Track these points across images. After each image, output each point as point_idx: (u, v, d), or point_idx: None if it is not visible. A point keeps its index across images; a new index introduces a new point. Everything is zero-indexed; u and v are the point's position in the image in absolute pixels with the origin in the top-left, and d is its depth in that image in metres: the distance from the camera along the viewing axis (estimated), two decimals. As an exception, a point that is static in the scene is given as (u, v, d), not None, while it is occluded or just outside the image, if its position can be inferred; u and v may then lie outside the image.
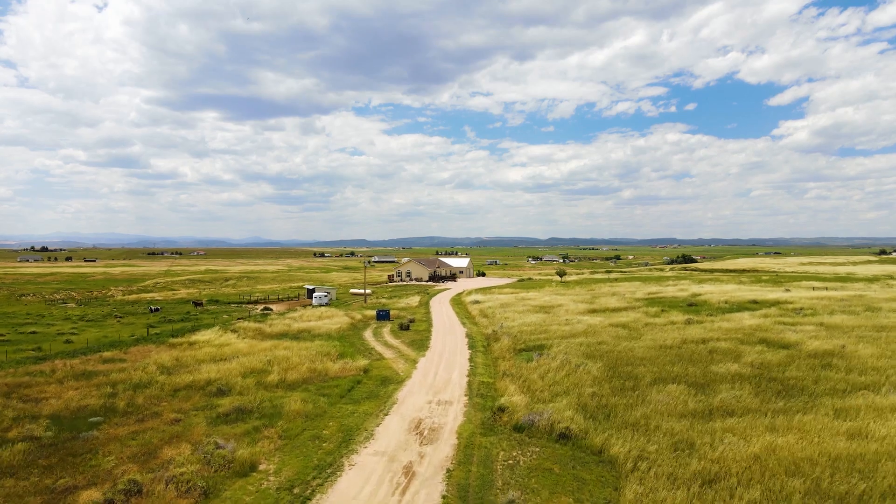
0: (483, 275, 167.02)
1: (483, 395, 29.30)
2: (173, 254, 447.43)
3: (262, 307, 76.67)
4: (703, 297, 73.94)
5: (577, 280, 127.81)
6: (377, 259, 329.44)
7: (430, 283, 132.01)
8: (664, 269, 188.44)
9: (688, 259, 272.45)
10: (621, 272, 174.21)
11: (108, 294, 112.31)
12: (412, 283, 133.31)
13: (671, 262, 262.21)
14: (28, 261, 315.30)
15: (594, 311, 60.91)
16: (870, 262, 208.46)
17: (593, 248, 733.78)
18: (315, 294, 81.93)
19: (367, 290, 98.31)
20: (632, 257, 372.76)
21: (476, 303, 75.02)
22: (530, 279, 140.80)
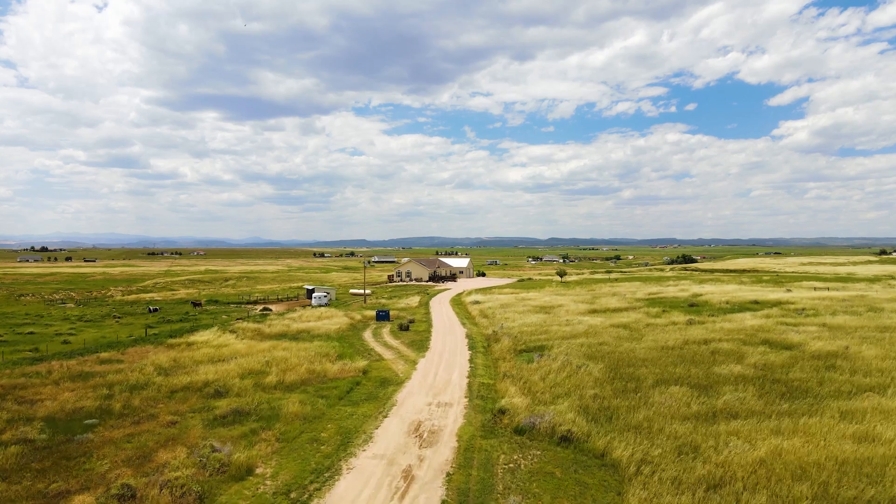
0: (483, 275, 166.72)
1: (483, 396, 28.97)
2: (173, 254, 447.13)
3: (261, 307, 76.36)
4: (704, 297, 73.61)
5: (578, 280, 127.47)
6: (377, 259, 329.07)
7: (429, 283, 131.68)
8: (664, 270, 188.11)
9: (688, 259, 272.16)
10: (621, 272, 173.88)
11: (107, 294, 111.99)
12: (412, 283, 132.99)
13: (671, 263, 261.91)
14: (28, 261, 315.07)
15: (595, 312, 60.58)
16: (870, 262, 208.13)
17: (593, 249, 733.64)
18: (314, 294, 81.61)
19: (367, 291, 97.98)
20: (632, 257, 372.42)
21: (476, 303, 74.69)
22: (530, 279, 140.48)
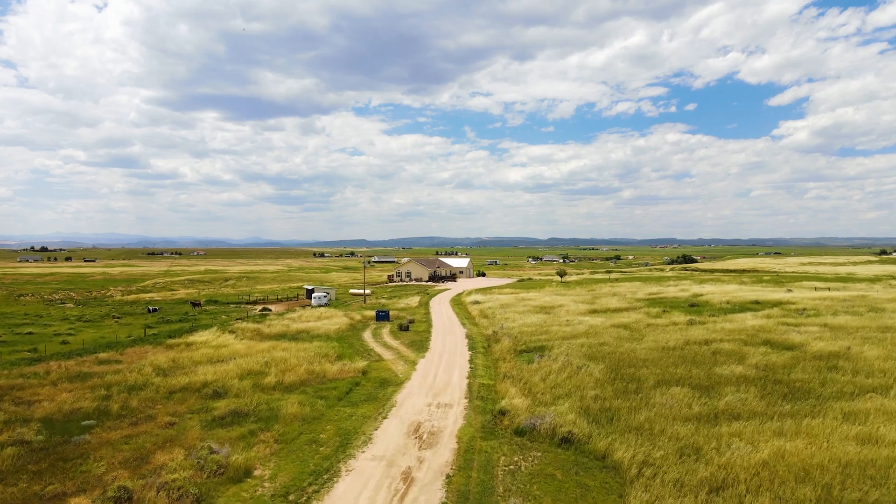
0: (483, 275, 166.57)
1: (483, 397, 28.81)
2: (173, 254, 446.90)
3: (260, 307, 76.19)
4: (704, 297, 73.46)
5: (578, 280, 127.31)
6: (377, 259, 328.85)
7: (429, 283, 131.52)
8: (664, 270, 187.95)
9: (688, 259, 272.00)
10: (621, 272, 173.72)
11: (106, 294, 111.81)
12: (412, 283, 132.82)
13: (671, 263, 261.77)
14: (28, 261, 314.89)
15: (595, 312, 60.42)
16: (870, 262, 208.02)
17: (593, 249, 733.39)
18: (314, 294, 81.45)
19: (367, 291, 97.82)
20: (632, 257, 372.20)
21: (476, 303, 74.53)
22: (530, 279, 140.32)
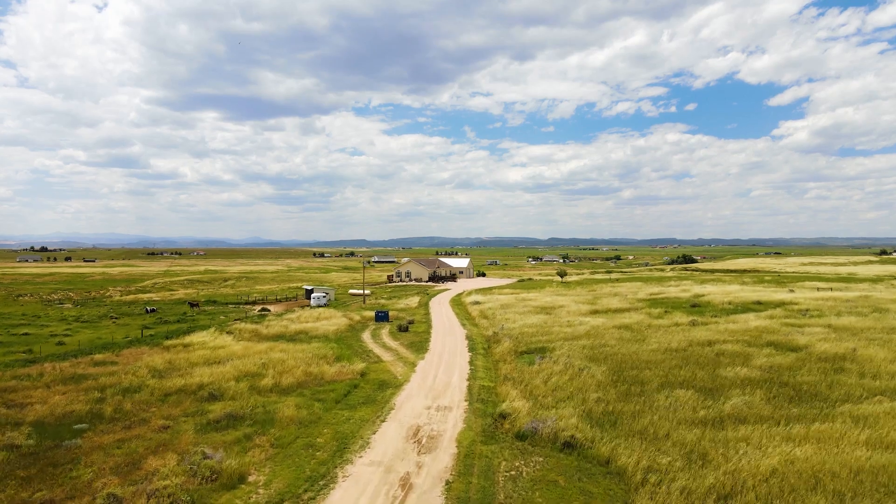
0: (483, 275, 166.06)
1: (484, 400, 28.31)
2: (173, 254, 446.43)
3: (259, 308, 75.69)
4: (706, 297, 72.92)
5: (578, 280, 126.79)
6: (377, 259, 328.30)
7: (429, 283, 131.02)
8: (665, 270, 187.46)
9: (688, 259, 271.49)
10: (622, 272, 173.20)
11: (105, 294, 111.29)
12: (412, 283, 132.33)
13: (671, 263, 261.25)
14: (27, 261, 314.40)
15: (596, 313, 59.90)
16: (871, 262, 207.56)
17: (593, 249, 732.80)
18: (313, 294, 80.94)
19: (367, 291, 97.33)
20: (632, 257, 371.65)
21: (476, 304, 74.01)
22: (531, 279, 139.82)
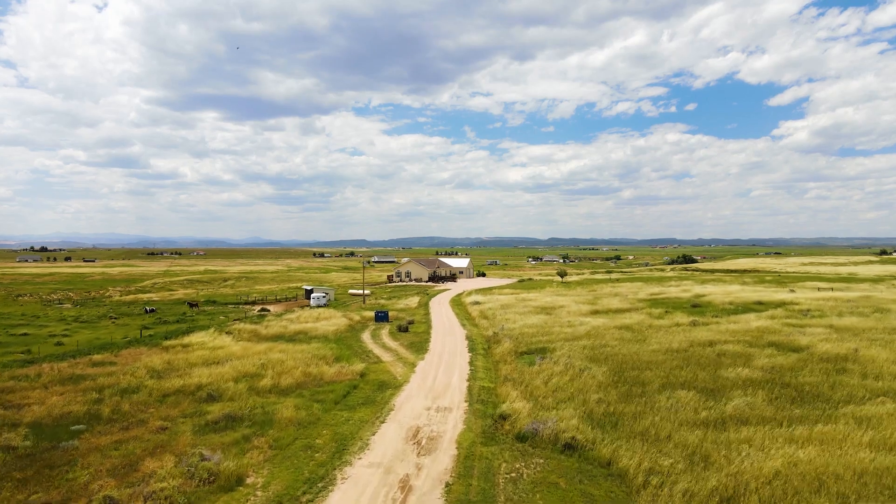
0: (483, 275, 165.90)
1: (484, 401, 28.14)
2: (173, 254, 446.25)
3: (259, 308, 75.53)
4: (706, 297, 72.76)
5: (578, 280, 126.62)
6: (377, 259, 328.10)
7: (429, 283, 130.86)
8: (665, 270, 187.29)
9: (688, 259, 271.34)
10: (622, 272, 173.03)
11: (105, 295, 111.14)
12: (412, 283, 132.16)
13: (672, 263, 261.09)
14: (27, 261, 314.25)
15: (597, 313, 59.73)
16: (871, 262, 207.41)
17: (593, 249, 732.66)
18: (313, 295, 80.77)
19: (366, 291, 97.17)
20: (632, 257, 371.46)
21: (476, 304, 73.84)
22: (531, 279, 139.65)
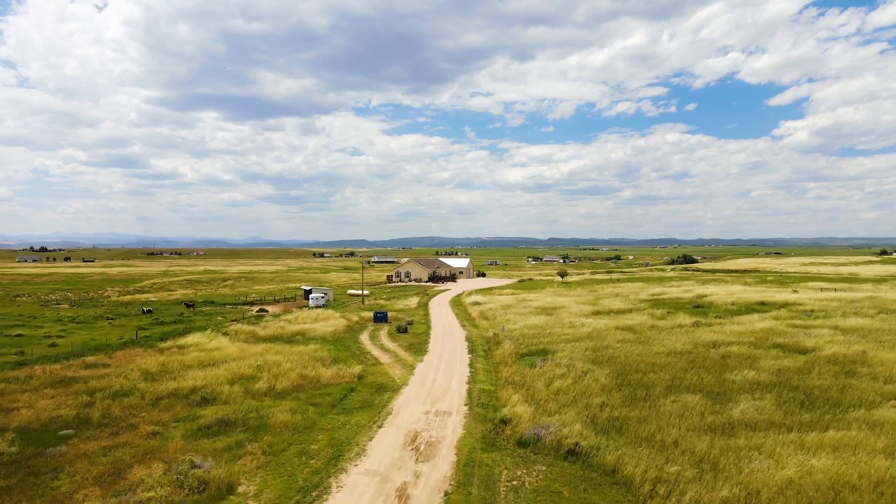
0: (483, 275, 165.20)
1: (484, 404, 27.48)
2: (172, 254, 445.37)
3: (257, 308, 74.82)
4: (708, 298, 72.08)
5: (579, 281, 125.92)
6: (377, 259, 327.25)
7: (429, 283, 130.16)
8: (665, 270, 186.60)
9: (688, 259, 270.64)
10: (622, 272, 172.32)
11: (103, 295, 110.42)
12: (411, 283, 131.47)
13: (672, 263, 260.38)
14: (27, 261, 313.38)
15: (598, 314, 59.07)
16: (871, 262, 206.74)
17: (593, 249, 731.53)
18: (312, 295, 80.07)
19: (366, 291, 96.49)
20: (632, 257, 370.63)
21: (476, 304, 73.18)
22: (531, 280, 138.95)
